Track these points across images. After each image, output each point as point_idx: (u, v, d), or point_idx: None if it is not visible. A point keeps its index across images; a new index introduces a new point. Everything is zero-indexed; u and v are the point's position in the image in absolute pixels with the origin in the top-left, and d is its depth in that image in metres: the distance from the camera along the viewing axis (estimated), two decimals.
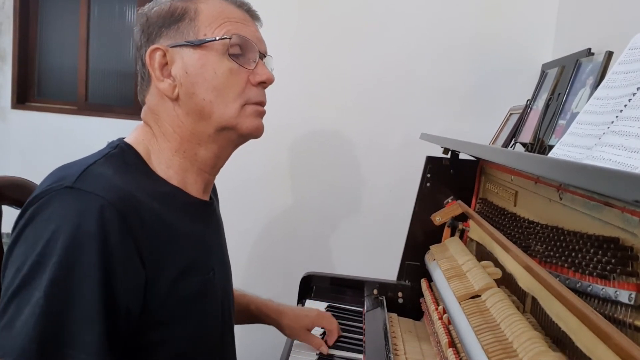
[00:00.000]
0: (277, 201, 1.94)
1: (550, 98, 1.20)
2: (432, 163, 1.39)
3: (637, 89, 0.73)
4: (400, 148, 1.84)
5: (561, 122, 1.09)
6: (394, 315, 1.33)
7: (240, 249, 1.93)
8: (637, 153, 0.64)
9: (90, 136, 2.67)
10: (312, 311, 1.20)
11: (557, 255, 0.76)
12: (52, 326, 0.64)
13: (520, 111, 1.39)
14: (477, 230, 1.13)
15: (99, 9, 3.02)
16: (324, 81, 1.87)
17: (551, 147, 0.95)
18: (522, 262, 0.82)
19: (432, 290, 1.24)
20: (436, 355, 1.05)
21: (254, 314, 1.16)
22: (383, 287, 1.41)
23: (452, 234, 1.31)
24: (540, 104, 1.26)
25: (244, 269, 1.95)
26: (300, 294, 1.45)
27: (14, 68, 2.97)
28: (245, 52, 0.83)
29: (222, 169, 0.92)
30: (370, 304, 1.34)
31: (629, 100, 0.73)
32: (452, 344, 0.94)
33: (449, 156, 1.38)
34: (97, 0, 3.01)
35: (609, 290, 0.61)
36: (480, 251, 1.15)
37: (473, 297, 0.90)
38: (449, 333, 0.98)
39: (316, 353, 1.13)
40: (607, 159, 0.68)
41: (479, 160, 1.35)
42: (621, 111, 0.73)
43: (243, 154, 1.10)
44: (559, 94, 1.16)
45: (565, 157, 0.81)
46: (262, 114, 0.86)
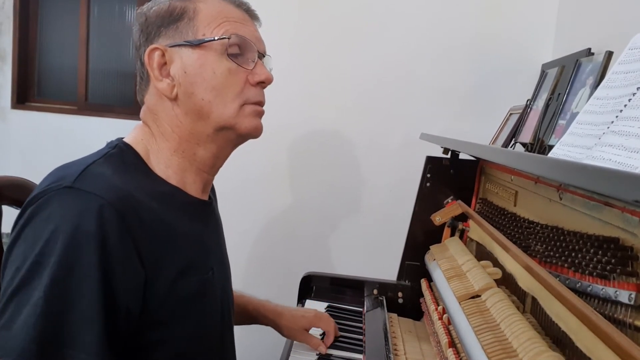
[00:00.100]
0: (277, 201, 1.94)
1: (550, 98, 1.20)
2: (432, 163, 1.39)
3: (637, 89, 0.73)
4: (400, 148, 1.84)
5: (561, 122, 1.09)
6: (394, 315, 1.32)
7: (240, 249, 1.93)
8: (637, 153, 0.64)
9: (90, 136, 2.66)
10: (309, 312, 1.20)
11: (557, 255, 0.76)
12: (51, 326, 0.64)
13: (520, 111, 1.39)
14: (477, 230, 1.13)
15: (99, 9, 3.02)
16: (324, 81, 1.87)
17: (551, 147, 0.95)
18: (522, 262, 0.82)
19: (432, 290, 1.24)
20: (436, 355, 1.05)
21: (251, 314, 1.16)
22: (383, 287, 1.41)
23: (452, 234, 1.31)
24: (540, 104, 1.26)
25: (244, 269, 1.95)
26: (300, 294, 1.44)
27: (14, 68, 2.96)
28: (244, 52, 0.83)
29: (222, 169, 0.92)
30: (370, 304, 1.34)
31: (629, 100, 0.73)
32: (452, 344, 0.94)
33: (449, 156, 1.38)
34: (97, 0, 3.01)
35: (609, 290, 0.61)
36: (480, 251, 1.15)
37: (473, 297, 0.90)
38: (449, 333, 0.98)
39: (316, 353, 1.13)
40: (607, 159, 0.68)
41: (479, 160, 1.35)
42: (621, 111, 0.73)
43: (243, 154, 1.10)
44: (559, 94, 1.16)
45: (565, 157, 0.81)
46: (260, 113, 0.86)
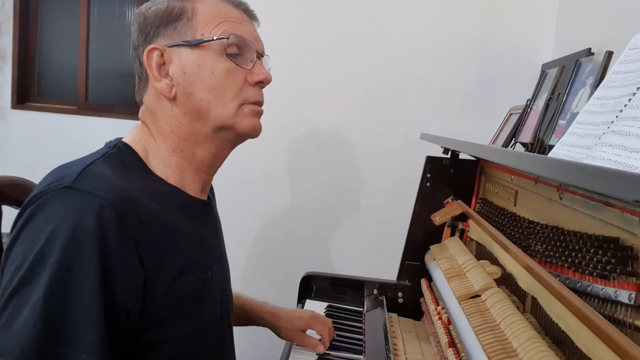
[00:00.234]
0: (276, 201, 1.94)
1: (550, 98, 1.20)
2: (432, 163, 1.39)
3: (637, 88, 0.73)
4: (400, 148, 1.84)
5: (561, 122, 1.09)
6: (394, 315, 1.32)
7: (240, 249, 1.93)
8: (637, 153, 0.63)
9: (90, 136, 2.65)
10: (306, 312, 1.19)
11: (557, 255, 0.76)
12: (51, 326, 0.64)
13: (520, 111, 1.39)
14: (477, 230, 1.13)
15: (99, 9, 3.02)
16: (324, 81, 1.87)
17: (551, 147, 0.95)
18: (522, 262, 0.82)
19: (432, 290, 1.24)
20: (436, 355, 1.04)
21: (248, 316, 1.16)
22: (383, 287, 1.41)
23: (452, 234, 1.31)
24: (540, 104, 1.25)
25: (244, 269, 1.95)
26: (300, 294, 1.44)
27: (14, 68, 2.96)
28: (242, 51, 0.83)
29: (221, 169, 0.92)
30: (370, 304, 1.34)
31: (629, 100, 0.73)
32: (452, 344, 0.94)
33: (449, 156, 1.38)
34: (97, 0, 3.00)
35: (609, 290, 0.61)
36: (480, 251, 1.14)
37: (473, 297, 0.90)
38: (449, 333, 0.98)
39: (316, 353, 1.13)
40: (607, 158, 0.68)
41: (479, 160, 1.35)
42: (621, 111, 0.73)
43: (243, 154, 1.10)
44: (559, 94, 1.16)
45: (565, 157, 0.81)
46: (259, 113, 0.86)
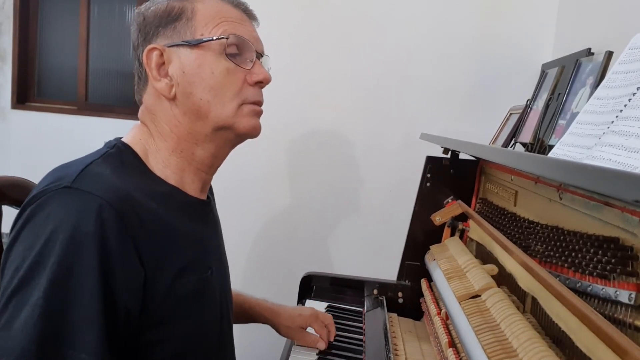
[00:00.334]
0: (276, 201, 1.94)
1: (550, 98, 1.20)
2: (432, 163, 1.39)
3: (637, 88, 0.73)
4: (400, 148, 1.84)
5: (561, 122, 1.09)
6: (394, 315, 1.32)
7: (240, 249, 1.93)
8: (637, 153, 0.63)
9: (90, 136, 2.65)
10: (306, 310, 1.19)
11: (557, 255, 0.76)
12: (51, 326, 0.64)
13: (520, 111, 1.39)
14: (477, 230, 1.13)
15: (99, 9, 3.02)
16: (324, 81, 1.87)
17: (551, 147, 0.95)
18: (522, 262, 0.82)
19: (432, 290, 1.24)
20: (436, 355, 1.04)
21: (248, 313, 1.16)
22: (383, 287, 1.41)
23: (452, 234, 1.31)
24: (540, 104, 1.25)
25: (244, 269, 1.95)
26: (300, 294, 1.44)
27: (14, 68, 2.96)
28: (242, 51, 0.83)
29: (221, 169, 0.92)
30: (370, 304, 1.34)
31: (629, 100, 0.73)
32: (452, 344, 0.94)
33: (449, 156, 1.38)
34: (97, 0, 3.00)
35: (609, 290, 0.61)
36: (480, 251, 1.14)
37: (473, 297, 0.90)
38: (449, 333, 0.98)
39: (316, 353, 1.13)
40: (607, 158, 0.68)
41: (479, 160, 1.35)
42: (621, 111, 0.73)
43: (243, 154, 1.10)
44: (559, 94, 1.16)
45: (565, 157, 0.81)
46: (259, 113, 0.86)
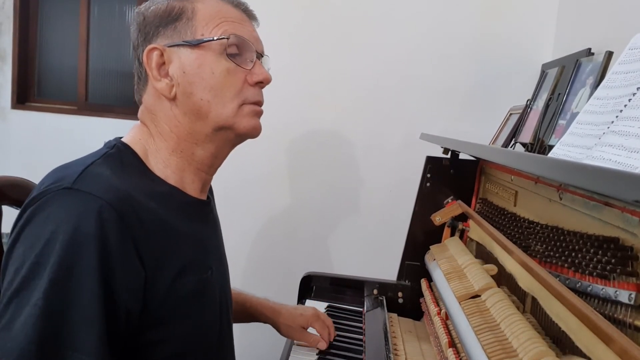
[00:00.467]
0: (276, 201, 1.94)
1: (550, 98, 1.20)
2: (432, 163, 1.39)
3: (637, 89, 0.73)
4: (400, 148, 1.84)
5: (561, 122, 1.09)
6: (394, 315, 1.32)
7: (240, 249, 1.93)
8: (637, 153, 0.63)
9: (90, 136, 2.65)
10: (307, 310, 1.19)
11: (557, 255, 0.76)
12: (51, 327, 0.64)
13: (520, 111, 1.39)
14: (477, 230, 1.13)
15: (99, 9, 3.02)
16: (324, 81, 1.87)
17: (551, 147, 0.95)
18: (522, 262, 0.82)
19: (432, 290, 1.24)
20: (436, 355, 1.04)
21: (249, 312, 1.16)
22: (383, 287, 1.41)
23: (452, 234, 1.31)
24: (540, 104, 1.25)
25: (244, 269, 1.95)
26: (300, 294, 1.44)
27: (14, 68, 2.96)
28: (242, 52, 0.83)
29: (221, 169, 0.92)
30: (370, 304, 1.34)
31: (629, 100, 0.73)
32: (452, 344, 0.94)
33: (449, 156, 1.38)
34: (97, 0, 3.00)
35: (609, 290, 0.61)
36: (480, 251, 1.14)
37: (473, 297, 0.90)
38: (449, 333, 0.98)
39: (316, 353, 1.13)
40: (607, 159, 0.68)
41: (479, 160, 1.35)
42: (621, 111, 0.73)
43: (243, 154, 1.10)
44: (559, 94, 1.16)
45: (565, 157, 0.81)
46: (259, 113, 0.86)
